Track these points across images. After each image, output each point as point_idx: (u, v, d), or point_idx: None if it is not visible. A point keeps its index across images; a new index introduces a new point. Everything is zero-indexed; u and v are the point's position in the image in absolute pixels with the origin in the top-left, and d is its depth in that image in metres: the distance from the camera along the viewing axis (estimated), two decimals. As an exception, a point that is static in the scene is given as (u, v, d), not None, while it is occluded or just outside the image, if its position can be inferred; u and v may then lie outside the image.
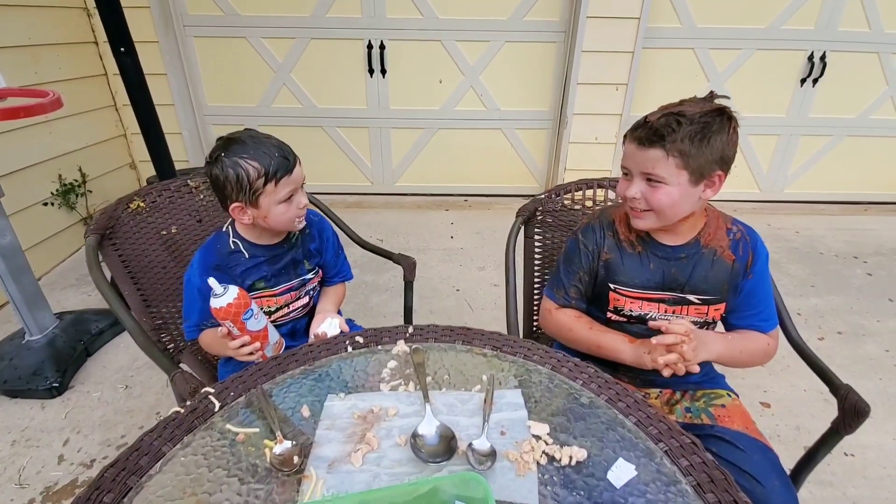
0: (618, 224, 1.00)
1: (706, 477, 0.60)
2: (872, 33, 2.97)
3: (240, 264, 1.07)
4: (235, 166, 0.94)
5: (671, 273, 0.95)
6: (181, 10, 2.88)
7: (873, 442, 1.63)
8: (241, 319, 0.89)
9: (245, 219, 1.00)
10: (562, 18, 2.93)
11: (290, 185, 0.98)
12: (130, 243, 1.19)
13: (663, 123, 0.81)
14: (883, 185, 3.42)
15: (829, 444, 0.92)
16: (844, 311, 2.28)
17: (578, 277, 1.02)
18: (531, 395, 0.75)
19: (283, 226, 1.03)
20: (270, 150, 0.96)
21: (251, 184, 0.95)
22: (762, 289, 0.97)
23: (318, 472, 0.62)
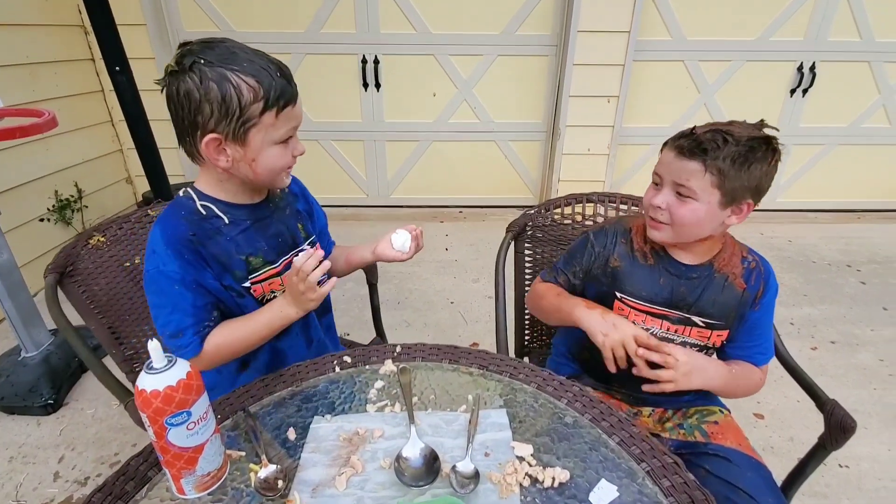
0: (634, 233, 0.99)
1: (687, 498, 0.61)
2: (863, 42, 3.01)
3: (221, 234, 0.80)
4: (223, 80, 0.68)
5: (680, 291, 0.93)
6: (177, 26, 2.91)
7: (868, 453, 1.63)
8: (164, 422, 0.57)
9: (222, 160, 0.74)
10: (553, 32, 2.97)
11: (293, 122, 0.76)
12: (93, 278, 1.17)
13: (709, 138, 0.81)
14: (876, 192, 3.44)
15: (818, 459, 0.92)
16: (837, 320, 2.29)
17: (573, 272, 1.03)
18: (516, 415, 0.75)
19: (269, 177, 0.79)
20: (269, 66, 0.71)
21: (243, 108, 0.69)
22: (766, 322, 0.97)
23: (303, 496, 0.62)
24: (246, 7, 2.87)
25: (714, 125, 0.84)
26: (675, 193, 0.85)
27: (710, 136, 0.81)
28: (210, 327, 0.82)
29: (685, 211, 0.85)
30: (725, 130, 0.81)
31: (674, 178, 0.85)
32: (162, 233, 0.77)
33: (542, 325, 1.44)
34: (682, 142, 0.83)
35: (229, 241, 0.82)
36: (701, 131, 0.82)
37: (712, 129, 0.82)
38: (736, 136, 0.80)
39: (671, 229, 0.88)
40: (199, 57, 0.69)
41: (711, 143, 0.80)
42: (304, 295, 0.79)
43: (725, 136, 0.80)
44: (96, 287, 1.22)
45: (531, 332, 1.44)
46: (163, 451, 0.59)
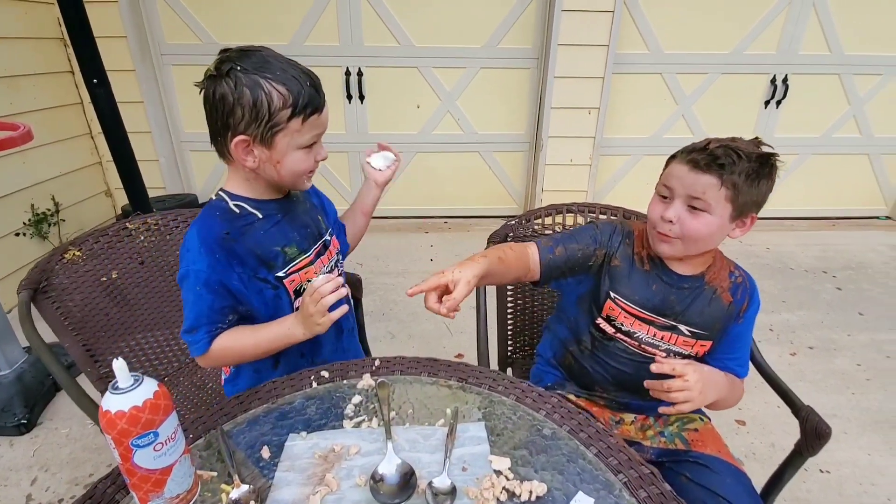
0: (636, 237, 1.00)
1: (663, 509, 0.61)
2: (833, 56, 3.12)
3: (255, 229, 0.85)
4: (255, 86, 0.73)
5: (670, 300, 0.94)
6: (159, 38, 2.90)
7: (848, 458, 1.65)
8: (130, 444, 0.55)
9: (249, 161, 0.79)
10: (534, 46, 3.02)
11: (318, 129, 0.81)
12: (68, 294, 1.14)
13: (723, 153, 0.81)
14: (849, 200, 3.54)
15: (795, 465, 0.93)
16: (815, 325, 2.33)
17: (573, 248, 0.98)
18: (495, 428, 0.75)
19: (291, 179, 0.84)
20: (300, 75, 0.76)
21: (272, 113, 0.74)
22: (746, 336, 0.99)
23: (275, 516, 0.61)
24: (229, 19, 2.87)
25: (722, 141, 0.84)
26: (688, 207, 0.85)
27: (724, 151, 0.82)
28: (222, 329, 0.86)
29: (698, 224, 0.85)
30: (735, 147, 0.82)
31: (688, 191, 0.84)
32: (198, 232, 0.82)
33: (525, 335, 1.44)
34: (696, 156, 0.84)
35: (265, 234, 0.87)
36: (714, 146, 0.83)
37: (724, 145, 0.83)
38: (745, 151, 0.82)
39: (681, 243, 0.88)
40: (236, 63, 0.74)
41: (727, 158, 0.81)
42: (313, 317, 0.82)
43: (737, 152, 0.81)
44: (71, 303, 1.19)
45: (514, 343, 1.44)
46: (129, 474, 0.58)
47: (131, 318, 1.32)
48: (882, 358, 2.12)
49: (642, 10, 2.93)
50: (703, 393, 0.81)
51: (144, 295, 1.35)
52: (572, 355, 1.07)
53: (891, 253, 3.08)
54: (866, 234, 3.34)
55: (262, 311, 0.91)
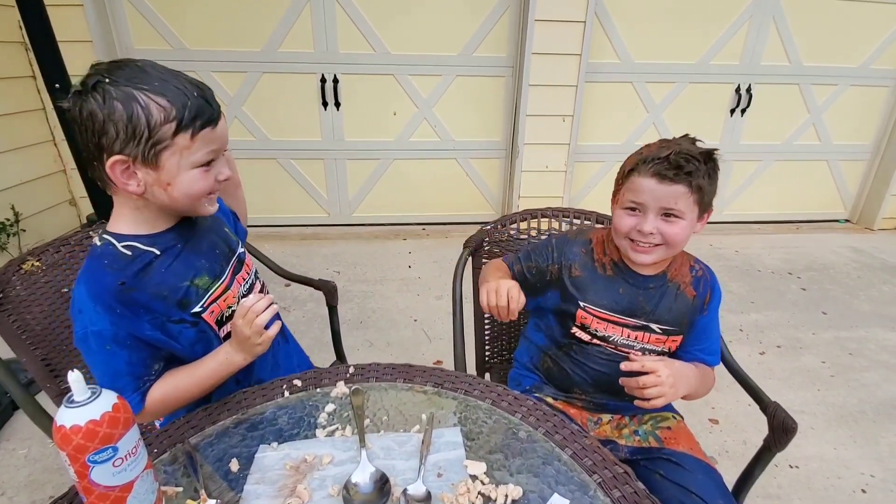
0: (594, 244, 1.02)
1: (637, 507, 0.61)
2: (792, 66, 3.26)
3: (154, 270, 0.74)
4: (129, 99, 0.63)
5: (639, 301, 0.97)
6: (126, 44, 2.83)
7: (815, 453, 1.70)
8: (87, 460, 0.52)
9: (132, 185, 0.68)
10: (509, 54, 3.06)
11: (213, 144, 0.70)
12: (26, 307, 1.08)
13: (685, 160, 0.83)
14: (811, 204, 3.69)
15: (764, 461, 0.95)
16: (782, 325, 2.41)
17: (528, 266, 1.05)
18: (470, 432, 0.74)
19: (187, 203, 0.72)
20: (185, 85, 0.67)
21: (152, 128, 0.64)
22: (713, 326, 1.02)
23: (244, 531, 0.59)
24: (199, 24, 2.82)
25: (665, 144, 0.87)
26: (662, 216, 0.88)
27: (685, 158, 0.83)
28: (151, 381, 0.76)
29: (677, 230, 0.88)
30: (690, 151, 0.84)
31: (661, 203, 0.86)
32: (87, 289, 0.71)
33: (502, 340, 1.45)
34: (659, 167, 0.85)
35: (167, 272, 0.76)
36: (674, 155, 0.84)
37: (681, 152, 0.84)
38: (700, 154, 0.85)
39: (664, 249, 0.91)
40: (105, 76, 0.64)
41: (690, 165, 0.83)
42: (250, 339, 0.76)
43: (692, 156, 0.84)
44: (29, 316, 1.13)
45: (491, 348, 1.44)
46: (86, 492, 0.55)
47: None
48: (845, 355, 2.20)
49: (613, 22, 3.01)
50: (675, 387, 0.84)
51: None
52: (551, 359, 1.08)
53: (850, 255, 3.22)
54: (827, 237, 3.48)
55: (188, 352, 0.81)
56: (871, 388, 2.00)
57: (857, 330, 2.39)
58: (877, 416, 1.86)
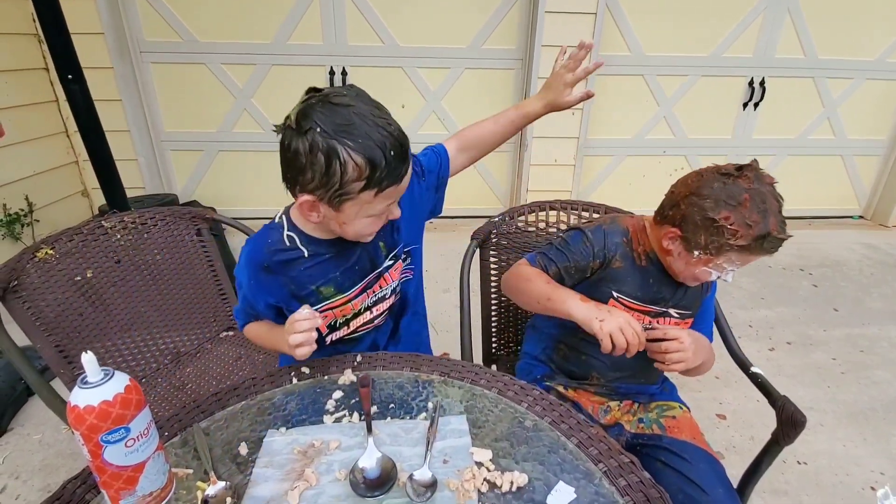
0: (632, 235, 0.99)
1: (643, 496, 0.61)
2: (807, 59, 3.20)
3: (298, 264, 0.85)
4: (331, 152, 0.68)
5: (663, 291, 0.98)
6: (138, 36, 2.84)
7: (825, 450, 1.69)
8: (100, 440, 0.54)
9: (313, 216, 0.77)
10: (518, 46, 3.04)
11: (392, 198, 0.76)
12: (40, 294, 1.12)
13: (783, 235, 0.82)
14: (824, 200, 3.64)
15: (772, 455, 0.95)
16: (793, 321, 2.38)
17: (566, 267, 0.99)
18: (476, 421, 0.75)
19: (355, 237, 0.82)
20: (385, 140, 0.70)
21: (343, 183, 0.70)
22: (711, 306, 1.07)
23: (252, 512, 0.60)
24: (210, 17, 2.83)
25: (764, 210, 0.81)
26: None
27: (784, 228, 0.83)
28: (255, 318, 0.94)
29: None
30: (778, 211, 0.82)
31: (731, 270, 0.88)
32: (248, 252, 0.87)
33: (509, 332, 1.45)
34: (772, 249, 0.83)
35: (303, 272, 0.86)
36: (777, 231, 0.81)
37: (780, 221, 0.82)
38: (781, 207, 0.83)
39: None
40: (317, 123, 0.69)
41: (784, 237, 0.83)
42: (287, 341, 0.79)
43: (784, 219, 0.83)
44: (43, 303, 1.16)
45: (498, 340, 1.44)
46: (99, 472, 0.56)
47: (107, 318, 1.29)
48: (856, 352, 2.17)
49: (624, 13, 2.98)
50: (696, 354, 0.88)
51: (121, 294, 1.32)
52: (567, 346, 1.08)
53: (864, 251, 3.17)
54: (841, 233, 3.43)
55: None
56: (883, 386, 1.98)
57: (870, 327, 2.35)
58: (888, 414, 1.84)
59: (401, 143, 0.72)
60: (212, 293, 1.52)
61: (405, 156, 0.74)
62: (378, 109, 0.74)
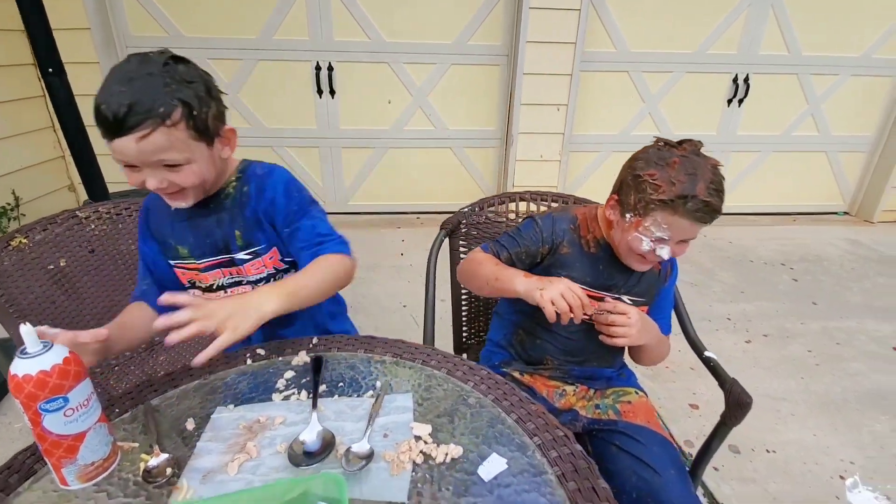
0: (580, 222, 1.03)
1: (571, 467, 0.63)
2: (791, 56, 3.22)
3: (168, 220, 0.93)
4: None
5: (615, 277, 1.01)
6: (123, 30, 2.86)
7: (795, 439, 1.71)
8: (39, 408, 0.55)
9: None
10: (504, 43, 3.06)
11: (117, 154, 0.73)
12: (13, 282, 1.13)
13: (717, 200, 0.84)
14: (809, 196, 3.66)
15: (720, 436, 0.97)
16: (771, 314, 2.41)
17: (517, 252, 1.02)
18: (423, 399, 0.77)
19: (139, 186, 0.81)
20: (105, 92, 0.71)
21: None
22: (670, 297, 1.09)
23: (192, 482, 0.62)
24: (196, 12, 2.84)
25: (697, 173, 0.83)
26: (680, 242, 0.90)
27: (717, 197, 0.83)
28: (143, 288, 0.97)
29: (684, 248, 0.92)
30: (712, 181, 0.83)
31: (685, 236, 0.89)
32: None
33: (479, 321, 1.47)
34: (697, 212, 0.84)
35: (170, 225, 0.93)
36: (710, 196, 0.82)
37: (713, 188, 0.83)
38: (717, 180, 0.84)
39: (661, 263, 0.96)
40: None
41: (719, 203, 0.84)
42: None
43: (718, 188, 0.84)
44: (17, 291, 1.17)
45: (469, 329, 1.46)
46: (40, 439, 0.58)
47: (81, 307, 1.31)
48: (832, 344, 2.20)
49: (608, 9, 3.00)
50: (640, 332, 0.92)
51: (95, 284, 1.33)
52: (524, 331, 1.11)
53: (847, 246, 3.19)
54: (825, 229, 3.46)
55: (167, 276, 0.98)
56: (858, 378, 2.00)
57: (847, 321, 2.38)
58: (860, 405, 1.86)
59: (114, 97, 0.70)
60: (186, 283, 1.53)
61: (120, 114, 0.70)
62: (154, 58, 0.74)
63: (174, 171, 0.78)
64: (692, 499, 0.86)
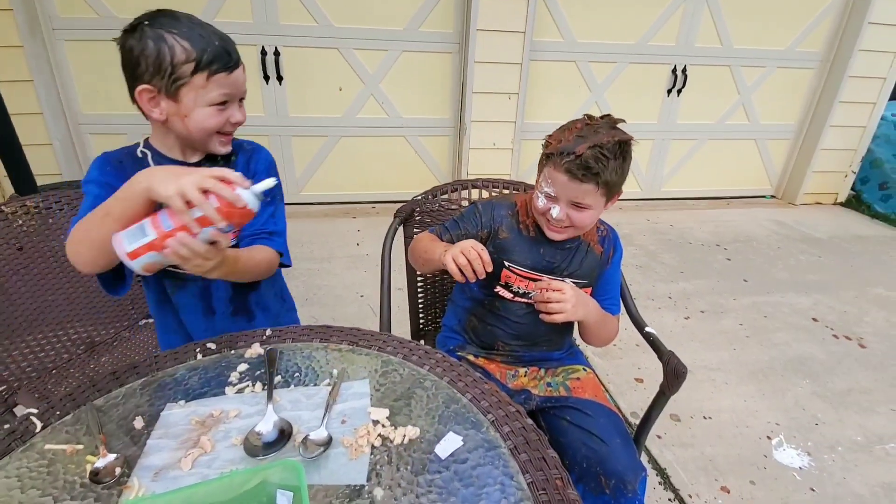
0: (519, 207, 1.08)
1: (523, 440, 0.67)
2: (724, 49, 3.42)
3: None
4: (158, 39, 0.77)
5: (557, 259, 1.06)
6: (50, 12, 2.63)
7: (728, 405, 1.86)
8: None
9: (156, 112, 0.81)
10: (455, 30, 3.06)
11: (227, 88, 0.82)
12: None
13: (594, 158, 0.87)
14: (741, 181, 3.93)
15: (660, 405, 1.05)
16: (707, 292, 2.58)
17: (458, 234, 1.08)
18: (380, 384, 0.78)
19: (201, 137, 0.85)
20: (210, 35, 0.79)
21: (174, 66, 0.77)
22: (615, 279, 1.14)
23: (143, 481, 0.60)
24: (126, -9, 2.66)
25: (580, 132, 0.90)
26: (572, 205, 0.95)
27: (594, 155, 0.87)
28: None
29: (584, 216, 0.96)
30: (601, 144, 0.88)
31: (570, 197, 0.94)
32: (101, 156, 0.88)
33: (435, 307, 1.49)
34: (569, 165, 0.89)
35: None
36: (583, 151, 0.87)
37: (591, 147, 0.88)
38: (609, 147, 0.88)
39: (573, 230, 1.01)
40: (146, 20, 0.78)
41: (598, 164, 0.88)
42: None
43: (604, 153, 0.88)
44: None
45: (426, 315, 1.48)
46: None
47: (10, 307, 1.23)
48: (760, 317, 2.39)
49: (556, 0, 3.06)
50: (576, 307, 0.96)
51: (25, 283, 1.25)
52: (476, 318, 1.15)
53: (773, 227, 3.46)
54: (754, 212, 3.73)
55: None
56: (782, 347, 2.20)
57: (773, 295, 2.59)
58: (785, 372, 2.05)
59: (224, 37, 0.82)
60: (129, 280, 1.46)
61: (231, 49, 0.82)
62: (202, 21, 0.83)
63: (241, 106, 0.88)
64: (636, 464, 0.92)
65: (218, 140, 0.88)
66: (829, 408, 1.87)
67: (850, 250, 3.19)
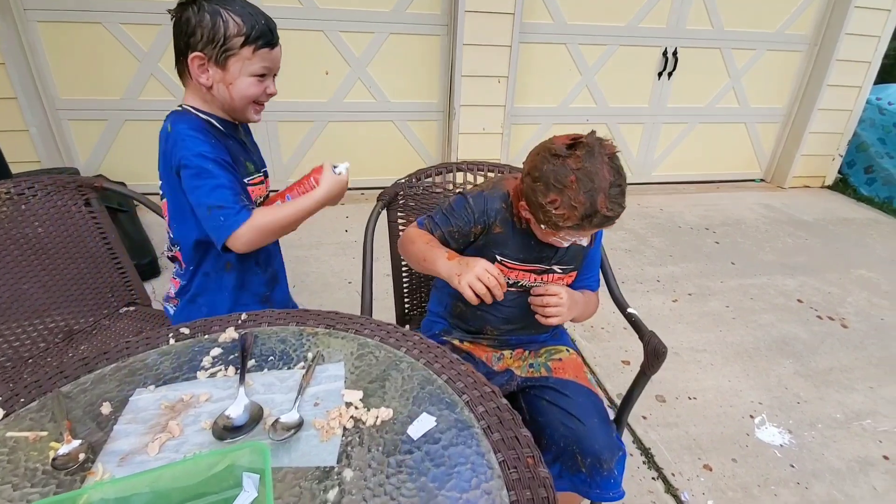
0: (512, 197, 1.02)
1: (497, 419, 0.67)
2: (714, 31, 3.39)
3: (223, 136, 0.98)
4: (215, 13, 0.87)
5: (545, 249, 1.02)
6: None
7: (712, 385, 1.88)
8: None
9: (203, 78, 0.91)
10: (443, 11, 3.00)
11: (268, 62, 0.93)
12: None
13: (618, 206, 0.84)
14: (731, 165, 3.93)
15: (641, 384, 1.05)
16: (695, 275, 2.60)
17: (450, 231, 1.03)
18: (355, 367, 0.77)
19: (242, 104, 0.96)
20: (257, 14, 0.91)
21: (226, 38, 0.88)
22: (597, 256, 1.14)
23: (108, 466, 0.59)
24: (102, -28, 2.57)
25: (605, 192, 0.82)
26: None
27: (616, 203, 0.83)
28: (248, 204, 0.95)
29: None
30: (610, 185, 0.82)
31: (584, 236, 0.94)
32: (187, 124, 0.92)
33: (421, 292, 1.48)
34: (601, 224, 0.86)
35: (231, 144, 0.99)
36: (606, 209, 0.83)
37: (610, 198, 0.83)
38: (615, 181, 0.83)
39: None
40: None
41: (619, 209, 0.85)
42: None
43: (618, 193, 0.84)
44: None
45: (411, 300, 1.47)
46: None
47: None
48: (747, 300, 2.41)
49: (545, -20, 3.01)
50: (570, 309, 1.00)
51: (-3, 271, 1.22)
52: (464, 303, 1.12)
53: (762, 210, 3.48)
54: (743, 195, 3.74)
55: None
56: (767, 328, 2.22)
57: (760, 277, 2.61)
58: (768, 352, 2.07)
59: (268, 18, 0.93)
60: (107, 267, 1.44)
61: (274, 29, 0.93)
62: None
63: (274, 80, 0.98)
64: (613, 443, 0.93)
65: (253, 108, 0.98)
66: (810, 386, 1.89)
67: (836, 233, 3.21)
